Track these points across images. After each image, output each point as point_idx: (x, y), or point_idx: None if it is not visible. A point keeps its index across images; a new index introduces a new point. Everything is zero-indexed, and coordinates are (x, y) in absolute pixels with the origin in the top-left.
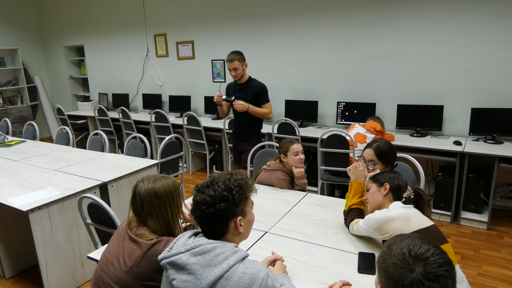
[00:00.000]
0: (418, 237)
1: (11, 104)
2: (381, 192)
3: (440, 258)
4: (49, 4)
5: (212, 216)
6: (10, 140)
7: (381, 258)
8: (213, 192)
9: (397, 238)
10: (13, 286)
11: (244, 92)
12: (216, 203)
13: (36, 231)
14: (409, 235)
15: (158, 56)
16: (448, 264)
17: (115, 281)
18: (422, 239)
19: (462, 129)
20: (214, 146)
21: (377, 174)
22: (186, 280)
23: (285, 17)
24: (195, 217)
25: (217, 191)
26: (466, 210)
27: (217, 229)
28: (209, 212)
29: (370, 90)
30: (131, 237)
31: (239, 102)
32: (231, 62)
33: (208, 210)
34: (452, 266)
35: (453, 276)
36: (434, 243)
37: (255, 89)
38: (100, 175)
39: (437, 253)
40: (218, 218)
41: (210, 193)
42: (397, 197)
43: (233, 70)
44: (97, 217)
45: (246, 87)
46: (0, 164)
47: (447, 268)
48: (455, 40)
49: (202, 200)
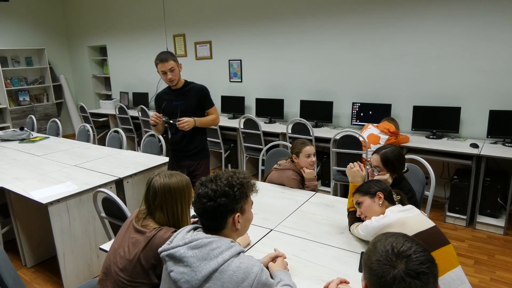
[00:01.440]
0: (402, 235)
1: (37, 101)
2: (377, 203)
3: (422, 256)
4: (75, 5)
5: (212, 210)
6: (35, 136)
7: (366, 255)
8: (215, 187)
9: (382, 236)
10: (33, 275)
11: (183, 98)
12: (217, 197)
13: (55, 223)
14: (394, 233)
15: (177, 56)
16: (430, 262)
17: (121, 270)
18: (405, 237)
19: (480, 131)
20: (230, 145)
21: (361, 186)
22: (183, 272)
23: (302, 18)
24: (196, 210)
25: (219, 186)
26: (482, 214)
27: (215, 223)
28: (210, 206)
29: (386, 91)
30: (136, 228)
31: (184, 121)
32: (166, 62)
33: (208, 204)
34: (434, 264)
35: (435, 274)
36: (417, 241)
37: (197, 93)
38: (116, 171)
39: (419, 251)
40: (218, 212)
41: (212, 187)
42: (391, 202)
43: (169, 72)
44: (110, 211)
45: (185, 93)
46: (24, 158)
47: (429, 265)
48: (473, 41)
49: (204, 193)
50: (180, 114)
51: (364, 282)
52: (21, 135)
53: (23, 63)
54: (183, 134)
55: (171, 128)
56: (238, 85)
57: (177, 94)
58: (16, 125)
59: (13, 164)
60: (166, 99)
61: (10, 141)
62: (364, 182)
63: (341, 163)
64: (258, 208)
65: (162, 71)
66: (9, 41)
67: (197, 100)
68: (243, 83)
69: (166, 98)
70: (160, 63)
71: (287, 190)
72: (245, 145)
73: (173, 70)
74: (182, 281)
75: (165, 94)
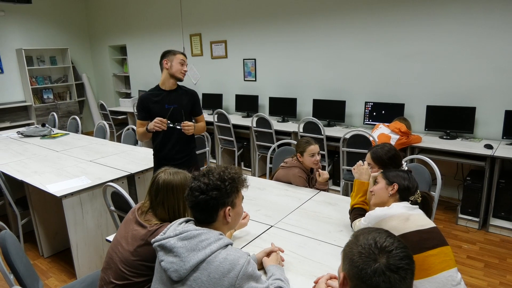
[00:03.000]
0: (385, 231)
1: (60, 99)
2: (388, 191)
3: (403, 252)
4: (96, 6)
5: (204, 203)
6: (55, 133)
7: (347, 247)
8: (207, 181)
9: (364, 230)
10: (49, 265)
11: (177, 101)
12: (209, 191)
13: (69, 215)
14: (377, 228)
15: (193, 55)
16: (409, 258)
17: (122, 261)
18: (388, 233)
19: (496, 132)
20: (243, 144)
21: (389, 170)
22: (172, 261)
23: (314, 17)
24: (189, 203)
25: (211, 180)
26: (496, 217)
27: (207, 216)
28: (202, 199)
29: (399, 90)
30: (138, 221)
31: (188, 124)
32: (186, 58)
33: (200, 197)
34: (412, 261)
35: (413, 270)
36: (398, 238)
37: (191, 97)
38: (129, 167)
39: (400, 247)
40: (209, 205)
41: (204, 181)
42: (403, 199)
43: (186, 66)
44: (119, 205)
45: (178, 96)
46: (44, 154)
47: (408, 262)
48: (489, 39)
49: (196, 187)
50: (171, 117)
51: (343, 273)
52: (42, 131)
53: (48, 62)
54: (174, 142)
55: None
56: (252, 84)
57: (170, 96)
58: (40, 122)
59: (33, 158)
60: (155, 101)
61: (32, 137)
62: (397, 169)
63: (351, 163)
64: (261, 204)
65: (182, 60)
66: (34, 41)
67: (191, 105)
68: (257, 82)
69: (156, 100)
70: (182, 55)
71: (291, 188)
72: (258, 144)
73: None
74: (171, 270)
75: (154, 96)
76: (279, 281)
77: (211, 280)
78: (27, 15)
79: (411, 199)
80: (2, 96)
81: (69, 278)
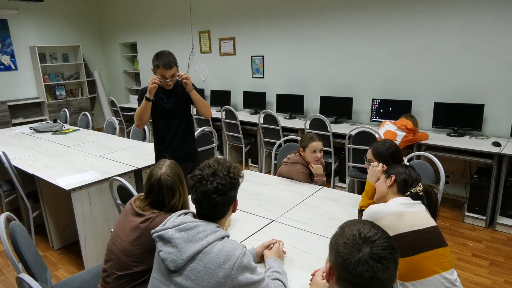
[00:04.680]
0: (370, 222)
1: (72, 96)
2: (386, 183)
3: (386, 242)
4: (107, 4)
5: (222, 204)
6: (67, 129)
7: (333, 239)
8: (223, 181)
9: (350, 221)
10: (59, 257)
11: (175, 95)
12: (228, 191)
13: (77, 208)
14: (362, 220)
15: (202, 52)
16: (392, 248)
17: (122, 252)
18: (372, 225)
19: (505, 129)
20: (250, 140)
21: (391, 166)
22: (170, 252)
23: (322, 14)
24: (202, 208)
25: (225, 179)
26: (504, 216)
27: (221, 214)
28: (220, 200)
29: (406, 87)
30: (136, 211)
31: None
32: (169, 69)
33: (218, 198)
34: (395, 250)
35: (395, 260)
36: (382, 229)
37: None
38: (136, 162)
39: (384, 237)
40: (226, 204)
41: (220, 182)
42: (402, 191)
43: (171, 78)
44: (125, 198)
45: (176, 89)
46: (55, 149)
47: (391, 251)
48: (498, 34)
49: (213, 189)
50: (170, 111)
51: (329, 264)
52: (54, 127)
53: (60, 59)
54: (175, 131)
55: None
56: (260, 81)
57: (168, 91)
58: (53, 118)
59: (45, 153)
60: (155, 96)
61: (44, 132)
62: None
63: (356, 160)
64: (263, 199)
65: (162, 76)
66: (47, 38)
67: (188, 97)
68: (265, 79)
69: (155, 95)
70: (163, 69)
71: (294, 183)
72: (265, 140)
73: (174, 76)
74: (169, 260)
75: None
76: (277, 273)
77: (207, 270)
78: (40, 13)
79: (411, 191)
80: (16, 93)
81: (78, 269)
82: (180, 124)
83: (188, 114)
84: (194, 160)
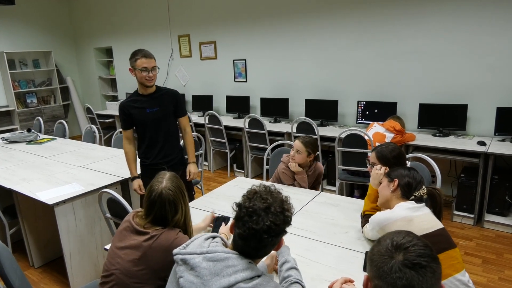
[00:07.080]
0: (406, 232)
1: (45, 103)
2: (390, 188)
3: (422, 249)
4: (81, 8)
5: (272, 245)
6: (42, 138)
7: (370, 250)
8: (277, 220)
9: (388, 233)
10: (40, 275)
11: (159, 104)
12: (281, 232)
13: (61, 223)
14: (399, 230)
15: (182, 57)
16: (429, 257)
17: (123, 273)
18: (408, 233)
19: (488, 129)
20: (235, 145)
21: (393, 169)
22: (192, 281)
23: (306, 17)
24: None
25: (280, 218)
26: (491, 213)
27: (264, 254)
28: (270, 242)
29: (391, 89)
30: (137, 229)
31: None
32: (150, 58)
33: (269, 240)
34: (433, 259)
35: (433, 268)
36: (419, 237)
37: (173, 97)
38: (122, 172)
39: (420, 245)
40: (274, 244)
41: (274, 221)
42: (406, 195)
43: (152, 71)
44: (115, 211)
45: (159, 97)
46: (32, 160)
47: (427, 260)
48: (480, 37)
49: (266, 229)
50: (154, 121)
51: (366, 275)
52: (28, 136)
53: (31, 66)
54: (160, 148)
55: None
56: (243, 85)
57: (150, 100)
58: (24, 127)
59: (21, 165)
60: (135, 107)
61: (17, 143)
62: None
63: (346, 162)
64: None
65: (143, 67)
66: (16, 44)
67: (173, 106)
68: (248, 83)
69: (136, 106)
70: (143, 58)
71: (290, 189)
72: (251, 145)
73: (154, 70)
74: None
75: (133, 102)
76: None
77: None
78: (8, 18)
79: (414, 195)
80: None
81: None
82: (165, 135)
83: (173, 123)
84: (181, 167)
